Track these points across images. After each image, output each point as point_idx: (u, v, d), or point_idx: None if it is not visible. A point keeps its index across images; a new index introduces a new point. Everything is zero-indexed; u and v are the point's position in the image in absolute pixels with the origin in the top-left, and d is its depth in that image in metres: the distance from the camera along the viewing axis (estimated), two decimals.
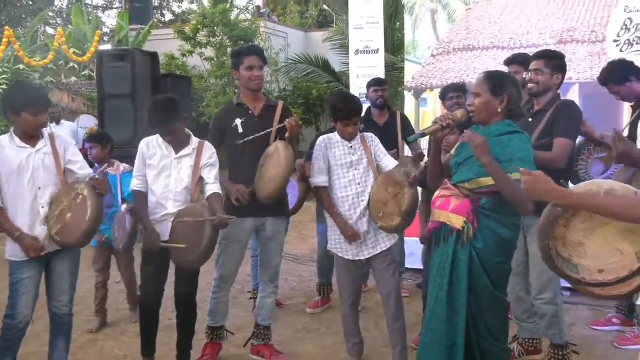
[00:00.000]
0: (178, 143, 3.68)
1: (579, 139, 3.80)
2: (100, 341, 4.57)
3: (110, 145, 4.83)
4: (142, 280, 3.82)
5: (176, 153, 3.68)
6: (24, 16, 19.41)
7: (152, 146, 3.70)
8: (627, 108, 5.31)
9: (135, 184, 3.68)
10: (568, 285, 3.68)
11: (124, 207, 4.20)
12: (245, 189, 3.73)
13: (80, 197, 3.29)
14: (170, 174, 3.66)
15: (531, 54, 3.92)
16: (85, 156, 4.10)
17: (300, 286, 5.79)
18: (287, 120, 3.69)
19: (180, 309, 3.83)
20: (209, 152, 3.74)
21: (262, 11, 16.52)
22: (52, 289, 3.50)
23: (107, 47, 12.86)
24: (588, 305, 5.05)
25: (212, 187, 3.68)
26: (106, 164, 4.01)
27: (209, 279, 5.27)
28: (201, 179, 3.70)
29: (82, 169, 3.53)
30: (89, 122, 9.69)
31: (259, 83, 3.93)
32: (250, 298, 5.17)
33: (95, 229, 3.35)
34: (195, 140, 3.74)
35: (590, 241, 2.23)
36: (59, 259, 3.46)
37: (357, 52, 6.88)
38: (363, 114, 4.04)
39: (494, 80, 2.99)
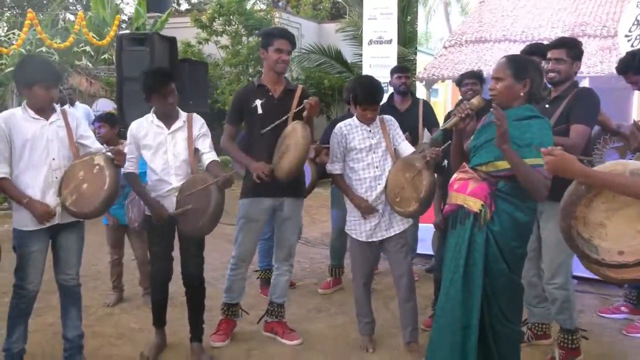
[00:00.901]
0: (170, 117, 3.76)
1: (595, 129, 3.82)
2: (116, 315, 4.72)
3: (118, 127, 4.96)
4: (151, 257, 3.94)
5: (168, 128, 3.75)
6: (44, 2, 19.58)
7: (143, 127, 3.76)
8: (637, 102, 5.41)
9: (127, 166, 3.67)
10: (576, 273, 3.81)
11: None
12: (266, 166, 3.80)
13: (97, 167, 3.36)
14: (166, 150, 3.73)
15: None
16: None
17: (311, 267, 5.93)
18: (306, 100, 3.75)
19: (188, 285, 3.93)
20: (199, 122, 3.83)
21: (279, 3, 16.58)
22: (60, 262, 3.59)
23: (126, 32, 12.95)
24: (596, 293, 5.15)
25: (209, 155, 3.78)
26: (122, 142, 4.12)
27: (222, 257, 5.45)
28: (196, 150, 3.78)
29: (93, 143, 3.64)
30: (106, 106, 9.84)
31: (285, 67, 3.99)
32: (258, 278, 5.30)
33: (113, 198, 3.40)
34: (183, 114, 3.83)
35: (612, 222, 2.23)
36: (66, 234, 3.54)
37: (370, 42, 6.98)
38: (386, 100, 4.09)
39: (516, 64, 3.00)
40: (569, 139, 3.48)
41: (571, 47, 3.71)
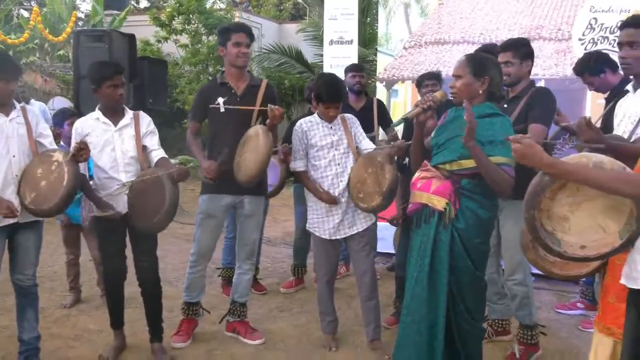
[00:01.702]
0: (117, 113, 3.71)
1: (556, 128, 3.90)
2: (74, 316, 4.62)
3: None
4: (104, 257, 3.88)
5: (115, 125, 3.70)
6: None
7: (88, 124, 3.70)
8: (590, 104, 5.56)
9: None
10: (534, 271, 3.88)
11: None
12: (214, 165, 3.76)
13: (56, 163, 3.30)
14: (114, 147, 3.67)
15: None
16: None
17: (273, 267, 5.92)
18: (271, 107, 3.70)
19: (143, 284, 3.88)
20: (146, 120, 3.80)
21: (241, 4, 16.50)
22: (18, 262, 3.51)
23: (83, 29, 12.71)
24: (552, 290, 5.27)
25: (157, 152, 3.75)
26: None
27: (182, 257, 5.40)
28: (144, 148, 3.74)
29: (51, 144, 3.56)
30: (62, 104, 9.59)
31: (246, 60, 3.97)
32: (219, 276, 5.27)
33: (72, 194, 3.33)
34: (129, 111, 3.78)
35: (575, 216, 2.24)
36: (25, 232, 3.47)
37: (331, 42, 7.00)
38: None
39: (475, 62, 3.05)
40: None
41: (517, 48, 3.76)
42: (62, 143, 4.67)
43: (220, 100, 3.92)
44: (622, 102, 3.12)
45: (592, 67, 4.17)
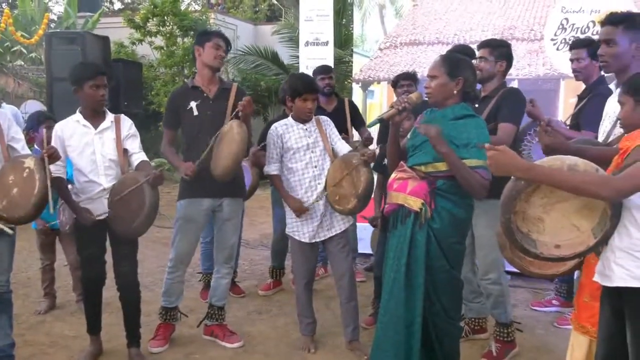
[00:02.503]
0: (98, 115, 3.68)
1: (525, 121, 3.91)
2: (49, 322, 4.56)
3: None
4: (83, 262, 3.85)
5: (95, 128, 3.67)
6: None
7: (68, 127, 3.67)
8: (562, 103, 5.64)
9: (54, 171, 3.49)
10: (509, 269, 3.92)
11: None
12: (192, 165, 3.76)
13: (27, 170, 3.23)
14: (94, 150, 3.64)
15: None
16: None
17: (251, 269, 5.90)
18: (240, 102, 3.71)
19: (122, 289, 3.85)
20: (127, 123, 3.77)
21: (217, 6, 16.46)
22: None
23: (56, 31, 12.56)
24: (528, 287, 5.34)
25: (138, 155, 3.72)
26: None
27: (160, 262, 5.37)
28: (125, 151, 3.71)
29: (24, 148, 3.50)
30: (35, 107, 9.48)
31: (221, 63, 3.98)
32: (199, 280, 5.25)
33: (44, 202, 3.26)
34: (110, 114, 3.76)
35: (549, 216, 2.28)
36: None
37: (307, 43, 7.00)
38: None
39: (450, 62, 3.07)
40: (497, 137, 3.58)
41: (494, 47, 3.83)
42: (35, 147, 4.61)
43: (193, 104, 3.91)
44: (609, 102, 3.13)
45: (595, 48, 3.82)
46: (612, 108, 3.08)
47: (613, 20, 2.99)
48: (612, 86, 3.35)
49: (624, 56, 2.95)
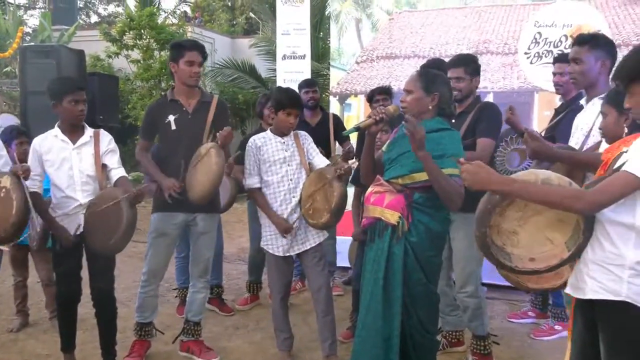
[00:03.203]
0: (76, 130, 3.66)
1: (504, 127, 3.91)
2: (22, 340, 4.48)
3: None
4: (58, 279, 3.79)
5: (73, 143, 3.65)
6: None
7: (46, 141, 3.64)
8: (537, 116, 5.71)
9: (30, 185, 3.45)
10: (486, 281, 3.94)
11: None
12: (176, 183, 3.73)
13: (4, 190, 3.20)
14: (71, 166, 3.61)
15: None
16: None
17: (228, 284, 5.84)
18: (220, 132, 3.68)
19: (98, 305, 3.80)
20: (107, 138, 3.75)
21: (195, 20, 16.46)
22: None
23: (30, 44, 12.45)
24: (504, 299, 5.35)
25: (117, 171, 3.70)
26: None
27: (136, 277, 5.29)
28: (104, 166, 3.68)
29: (5, 165, 3.48)
30: (9, 121, 9.34)
31: (197, 80, 3.92)
32: (176, 296, 5.20)
33: (24, 220, 3.24)
34: (90, 129, 3.73)
35: (524, 230, 2.28)
36: None
37: (284, 57, 7.02)
38: None
39: (426, 77, 3.09)
40: (476, 152, 3.62)
41: (468, 64, 3.87)
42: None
43: (172, 117, 3.88)
44: (578, 117, 3.33)
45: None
46: (582, 121, 3.19)
47: (580, 40, 3.26)
48: (582, 102, 3.44)
49: (591, 73, 3.21)
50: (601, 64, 3.21)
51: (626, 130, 2.35)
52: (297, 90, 4.82)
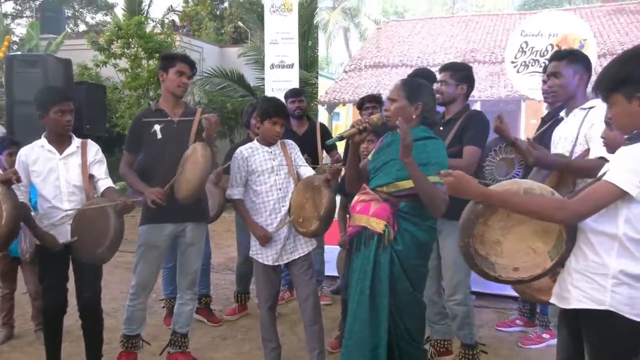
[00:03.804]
0: (63, 140, 3.65)
1: (492, 136, 3.91)
2: (6, 353, 4.42)
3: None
4: (44, 290, 3.76)
5: (60, 153, 3.64)
6: None
7: (33, 152, 3.64)
8: (524, 124, 5.74)
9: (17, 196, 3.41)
10: (474, 289, 3.93)
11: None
12: (160, 190, 3.70)
13: None
14: (58, 176, 3.60)
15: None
16: None
17: (216, 294, 5.80)
18: (205, 115, 3.68)
19: (84, 316, 3.77)
20: (94, 148, 3.74)
21: (184, 28, 16.47)
22: None
23: (17, 54, 12.39)
24: (492, 308, 5.36)
25: (105, 182, 3.69)
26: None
27: (123, 287, 5.26)
28: (91, 177, 3.67)
29: None
30: None
31: (184, 90, 3.95)
32: (163, 307, 5.17)
33: (15, 232, 3.21)
34: (77, 139, 3.73)
35: (507, 240, 2.30)
36: None
37: (272, 66, 7.03)
38: None
39: (410, 87, 3.11)
40: (462, 160, 3.63)
41: (455, 70, 3.90)
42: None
43: (157, 127, 3.87)
44: (558, 128, 3.44)
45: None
46: (565, 131, 3.29)
47: (558, 56, 3.45)
48: (562, 114, 3.51)
49: (570, 86, 3.35)
50: (579, 77, 3.34)
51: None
52: (283, 100, 4.82)
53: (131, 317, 4.01)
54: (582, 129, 3.19)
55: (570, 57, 3.38)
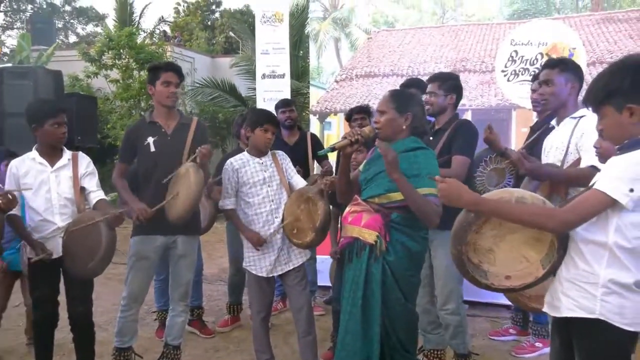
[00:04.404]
0: (54, 153, 3.65)
1: (480, 148, 3.94)
2: None
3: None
4: (35, 303, 3.73)
5: (52, 166, 3.63)
6: None
7: (24, 165, 3.63)
8: (515, 133, 5.77)
9: None
10: (467, 298, 3.92)
11: None
12: (146, 208, 3.66)
13: None
14: (49, 189, 3.60)
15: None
16: None
17: (208, 305, 5.78)
18: (199, 148, 3.67)
19: (76, 329, 3.75)
20: (85, 161, 3.74)
21: (176, 38, 16.49)
22: None
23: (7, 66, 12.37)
24: (485, 317, 5.36)
25: (97, 194, 3.69)
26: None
27: (115, 299, 5.22)
28: (82, 189, 3.67)
29: None
30: None
31: (175, 100, 3.92)
32: (155, 319, 5.14)
33: None
34: (68, 152, 3.72)
35: (499, 248, 2.31)
36: None
37: (263, 76, 7.04)
38: None
39: (398, 98, 3.11)
40: (451, 169, 3.64)
41: (443, 81, 3.91)
42: None
43: (150, 139, 3.86)
44: (549, 137, 3.43)
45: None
46: (556, 140, 3.30)
47: (550, 64, 3.43)
48: (553, 123, 3.52)
49: (561, 94, 3.33)
50: (571, 86, 3.33)
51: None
52: (273, 111, 4.83)
53: (122, 329, 3.97)
54: (573, 138, 3.20)
55: (562, 66, 3.37)
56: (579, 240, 2.14)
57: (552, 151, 3.34)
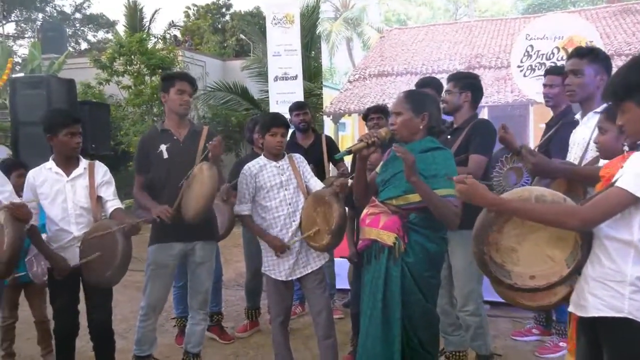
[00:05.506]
0: (71, 162, 3.66)
1: (495, 149, 3.88)
2: None
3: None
4: (55, 313, 3.72)
5: (68, 175, 3.64)
6: None
7: (41, 174, 3.64)
8: (532, 129, 5.68)
9: None
10: (488, 299, 3.85)
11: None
12: (168, 208, 3.67)
13: None
14: (65, 198, 3.60)
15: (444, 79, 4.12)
16: None
17: (227, 310, 5.74)
18: (209, 142, 3.69)
19: (95, 338, 3.75)
20: (102, 170, 3.74)
21: (186, 43, 16.54)
22: None
23: (20, 75, 12.45)
24: (508, 317, 5.28)
25: (113, 203, 3.68)
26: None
27: (133, 307, 5.21)
28: (99, 198, 3.66)
29: (11, 197, 3.37)
30: (0, 152, 9.33)
31: (187, 108, 3.94)
32: (174, 326, 5.11)
33: (17, 257, 3.16)
34: (84, 161, 3.72)
35: (522, 247, 2.28)
36: None
37: (275, 78, 7.02)
38: (289, 137, 4.13)
39: (414, 98, 3.08)
40: (468, 168, 3.59)
41: (458, 79, 3.88)
42: None
43: (163, 147, 3.86)
44: (575, 132, 3.28)
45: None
46: (579, 136, 3.17)
47: (579, 53, 3.22)
48: (577, 116, 3.40)
49: (590, 86, 3.15)
50: (599, 78, 3.15)
51: (626, 147, 2.31)
52: (287, 113, 4.80)
53: (142, 338, 3.97)
54: (594, 134, 3.11)
55: (592, 56, 3.18)
56: (604, 237, 2.11)
57: (574, 148, 3.24)
